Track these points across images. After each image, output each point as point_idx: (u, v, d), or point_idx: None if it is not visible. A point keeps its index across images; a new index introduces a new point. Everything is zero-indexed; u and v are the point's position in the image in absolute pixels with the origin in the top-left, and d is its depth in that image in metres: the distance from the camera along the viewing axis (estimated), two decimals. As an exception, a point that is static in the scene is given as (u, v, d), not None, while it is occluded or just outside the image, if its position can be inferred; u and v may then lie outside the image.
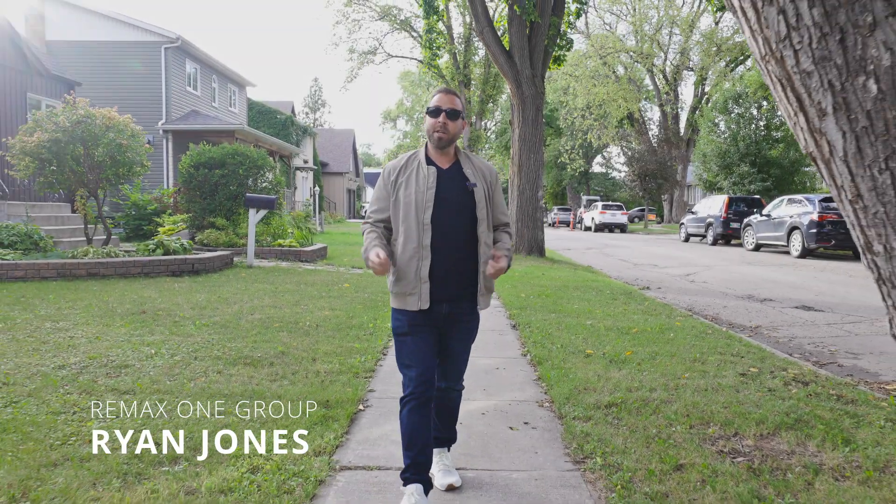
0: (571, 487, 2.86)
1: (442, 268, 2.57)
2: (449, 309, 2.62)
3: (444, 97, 2.61)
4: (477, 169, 2.69)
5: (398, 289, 2.61)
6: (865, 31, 1.53)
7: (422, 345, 2.60)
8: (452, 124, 2.60)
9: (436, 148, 2.64)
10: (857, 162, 1.62)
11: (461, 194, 2.60)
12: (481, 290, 2.65)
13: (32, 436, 3.21)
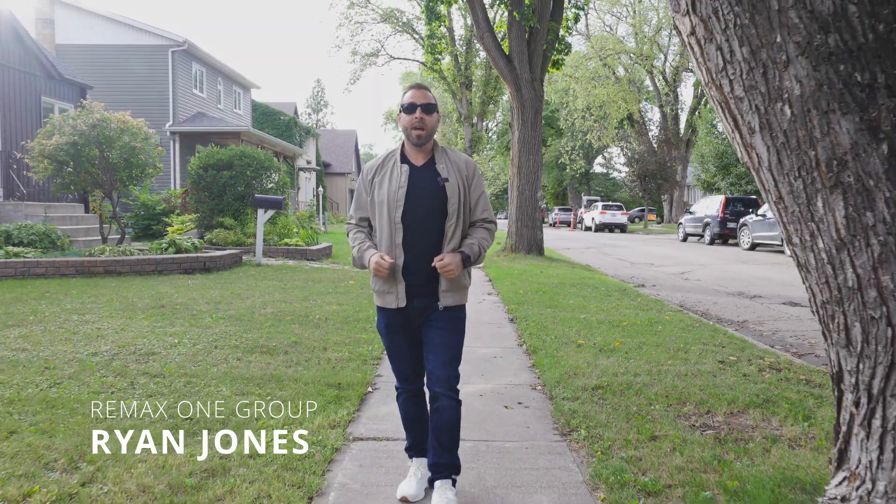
0: (558, 454, 3.24)
1: (414, 266, 2.57)
2: (421, 305, 2.62)
3: (416, 93, 2.58)
4: (452, 163, 2.63)
5: (377, 287, 2.66)
6: (781, 66, 1.91)
7: (401, 344, 2.70)
8: (429, 118, 2.56)
9: (414, 145, 2.61)
10: (778, 171, 2.01)
11: (433, 190, 2.56)
12: (443, 286, 2.59)
13: (77, 411, 3.60)
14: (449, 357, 2.62)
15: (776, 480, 2.63)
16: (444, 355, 2.62)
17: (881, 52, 1.81)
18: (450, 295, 2.61)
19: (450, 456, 2.67)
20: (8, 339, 5.22)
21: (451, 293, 2.61)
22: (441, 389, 2.61)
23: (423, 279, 2.58)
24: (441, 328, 2.63)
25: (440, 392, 2.61)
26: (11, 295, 7.33)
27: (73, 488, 2.68)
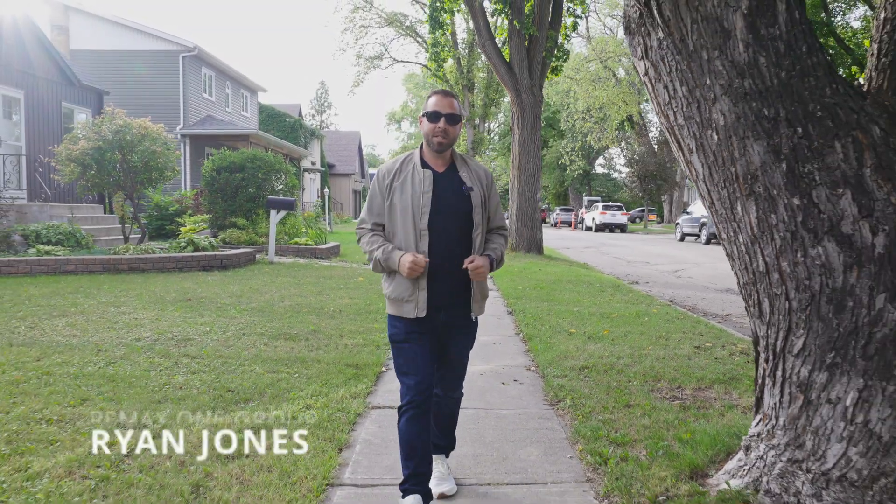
0: (546, 419, 3.83)
1: (438, 274, 2.50)
2: (446, 317, 2.55)
3: (442, 100, 2.52)
4: (473, 172, 2.60)
5: (394, 295, 2.54)
6: (710, 102, 2.49)
7: (419, 352, 2.53)
8: (452, 129, 2.50)
9: (434, 152, 2.56)
10: (710, 182, 2.59)
11: (457, 198, 2.52)
12: (475, 296, 2.58)
13: (135, 384, 4.20)
14: (462, 371, 2.75)
15: (720, 432, 3.21)
16: (457, 370, 2.72)
17: (783, 93, 2.39)
18: (478, 305, 2.60)
19: (446, 438, 2.84)
20: (58, 327, 5.82)
21: (479, 303, 2.61)
22: (451, 391, 2.76)
23: (446, 288, 2.52)
24: (460, 344, 2.65)
25: (449, 394, 2.76)
26: (48, 289, 7.93)
27: (146, 440, 3.26)
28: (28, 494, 2.65)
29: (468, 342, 2.70)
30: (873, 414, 2.18)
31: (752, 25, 2.41)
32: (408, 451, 2.55)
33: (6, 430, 3.34)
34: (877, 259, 2.24)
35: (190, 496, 2.69)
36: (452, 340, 2.62)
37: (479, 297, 2.62)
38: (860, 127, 2.35)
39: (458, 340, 2.64)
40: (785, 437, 2.39)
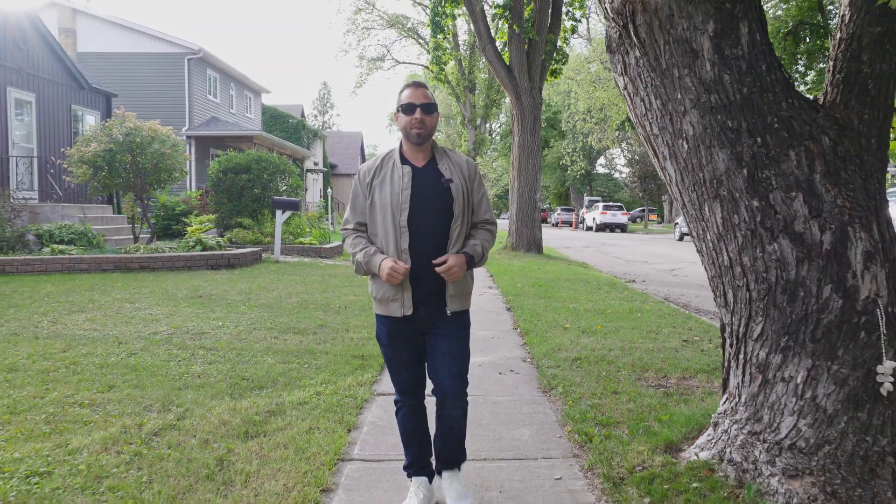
0: (538, 404, 4.13)
1: (420, 271, 2.47)
2: (427, 312, 2.53)
3: (415, 91, 2.49)
4: (454, 164, 2.56)
5: (380, 295, 2.54)
6: (681, 115, 2.79)
7: (403, 355, 2.58)
8: (429, 118, 2.48)
9: (413, 144, 2.52)
10: (682, 186, 2.89)
11: (438, 192, 2.48)
12: (450, 290, 2.52)
13: (156, 373, 4.51)
14: (457, 368, 2.56)
15: (696, 413, 3.51)
16: (452, 366, 2.54)
17: (744, 107, 2.69)
18: (457, 300, 2.54)
19: (456, 453, 2.69)
20: (78, 322, 6.13)
21: (457, 298, 2.54)
22: (450, 399, 2.57)
23: (430, 285, 2.49)
24: (448, 336, 2.55)
25: (449, 402, 2.58)
26: (65, 287, 8.25)
27: (172, 421, 3.57)
28: (71, 466, 2.96)
29: (457, 339, 2.57)
30: (820, 390, 2.48)
31: (718, 46, 2.71)
32: (406, 440, 2.69)
33: (44, 412, 3.65)
34: (824, 254, 2.53)
35: (215, 468, 2.99)
36: (438, 335, 2.55)
37: (455, 291, 2.53)
38: (812, 137, 2.65)
39: (444, 334, 2.54)
40: (746, 412, 2.69)
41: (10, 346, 5.16)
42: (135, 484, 2.80)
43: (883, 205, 2.67)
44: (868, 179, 2.66)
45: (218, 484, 2.84)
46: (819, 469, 2.38)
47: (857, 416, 2.42)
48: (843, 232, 2.53)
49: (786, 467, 2.45)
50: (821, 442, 2.42)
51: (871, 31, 2.86)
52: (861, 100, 2.81)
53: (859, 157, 2.68)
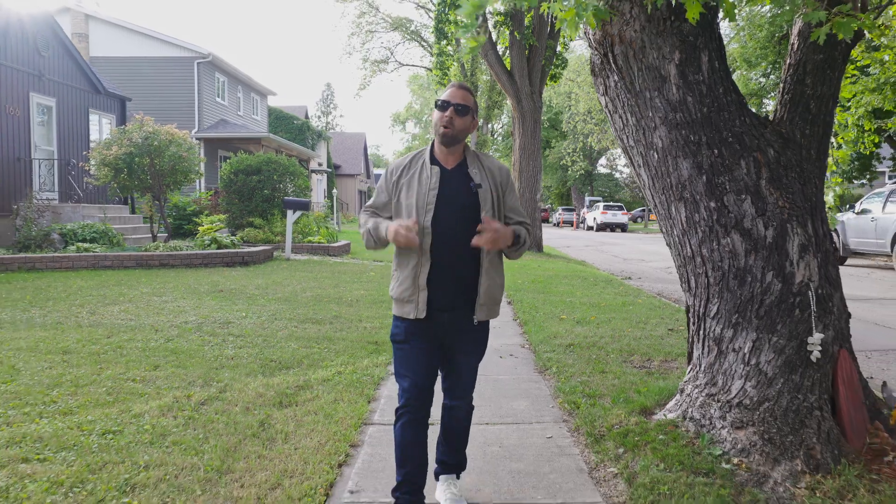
0: (534, 382, 4.66)
1: (442, 274, 2.41)
2: (450, 319, 2.45)
3: (455, 92, 2.45)
4: (485, 169, 2.50)
5: (397, 294, 2.49)
6: (652, 130, 3.33)
7: (418, 355, 2.46)
8: (460, 120, 2.42)
9: (441, 144, 2.46)
10: (654, 189, 3.42)
11: (465, 196, 2.42)
12: (482, 299, 2.45)
13: (194, 355, 5.05)
14: (470, 379, 2.59)
15: (669, 386, 4.04)
16: (465, 377, 2.56)
17: (704, 124, 3.22)
18: (485, 309, 2.47)
19: (456, 455, 2.67)
20: (114, 313, 6.68)
21: (486, 307, 2.47)
22: (458, 403, 2.60)
23: (449, 291, 2.43)
24: (469, 351, 2.53)
25: (456, 405, 2.60)
26: (94, 282, 8.81)
27: (215, 393, 4.11)
28: (137, 426, 3.50)
29: (475, 349, 2.55)
30: (762, 358, 3.01)
31: (682, 73, 3.24)
32: (401, 457, 2.51)
33: (104, 386, 4.19)
34: (767, 246, 3.07)
35: (258, 429, 3.53)
36: (457, 345, 2.49)
37: (486, 299, 2.46)
38: (759, 149, 3.18)
39: (463, 346, 2.50)
40: (704, 378, 3.22)
41: (59, 332, 5.71)
42: (193, 440, 3.34)
43: (819, 205, 3.21)
44: (806, 184, 3.19)
45: (263, 440, 3.38)
46: (760, 421, 2.91)
47: (792, 379, 2.95)
48: (783, 228, 3.06)
49: (734, 420, 2.98)
50: (762, 399, 2.96)
51: (815, 58, 3.39)
52: (804, 117, 3.34)
53: (799, 166, 3.21)
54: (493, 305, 2.52)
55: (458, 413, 2.62)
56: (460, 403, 2.61)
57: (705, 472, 2.78)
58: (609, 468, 3.02)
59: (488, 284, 2.47)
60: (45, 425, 3.47)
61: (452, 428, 2.64)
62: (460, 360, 2.54)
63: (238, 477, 2.93)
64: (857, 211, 14.09)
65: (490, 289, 2.48)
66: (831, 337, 3.03)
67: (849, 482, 2.66)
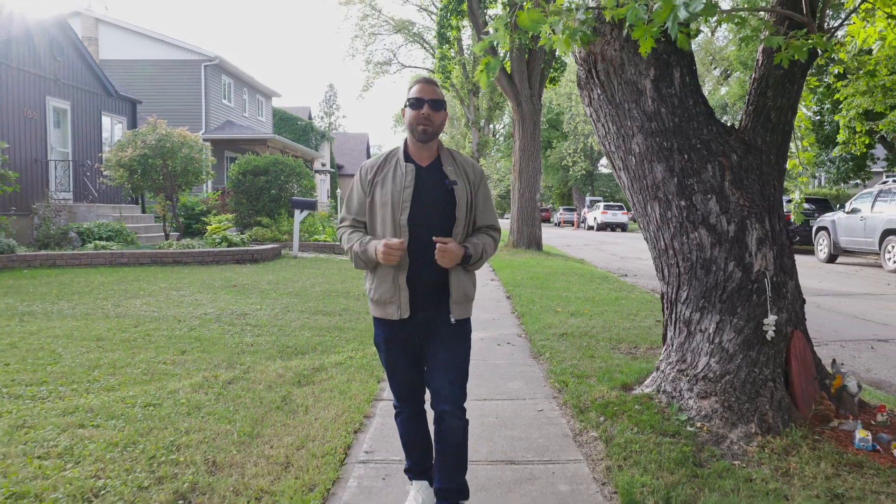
0: (529, 366, 5.10)
1: (419, 273, 2.41)
2: (425, 318, 2.45)
3: (425, 87, 2.41)
4: (459, 166, 2.48)
5: (376, 296, 2.45)
6: (630, 137, 3.76)
7: (399, 360, 2.51)
8: (436, 115, 2.40)
9: (418, 142, 2.43)
10: (632, 190, 3.86)
11: (441, 193, 2.40)
12: (454, 296, 2.43)
13: (216, 342, 5.49)
14: (455, 375, 2.47)
15: (649, 367, 4.47)
16: (450, 373, 2.46)
17: (676, 132, 3.65)
18: (460, 307, 2.46)
19: (457, 481, 2.52)
20: (137, 306, 7.13)
21: (460, 305, 2.46)
22: (448, 408, 2.44)
23: (429, 288, 2.43)
24: (447, 344, 2.47)
25: (447, 411, 2.44)
26: (113, 278, 9.26)
27: (239, 374, 4.56)
28: (174, 401, 3.94)
29: (457, 346, 2.49)
30: (724, 337, 3.44)
31: (657, 87, 3.67)
32: (407, 445, 2.67)
33: (139, 368, 4.64)
34: (730, 240, 3.50)
35: (281, 403, 3.97)
36: (436, 343, 2.47)
37: (459, 297, 2.45)
38: (724, 154, 3.61)
39: (442, 343, 2.46)
40: (676, 356, 3.66)
41: (89, 322, 6.16)
42: (225, 411, 3.78)
43: (776, 204, 3.64)
44: (765, 185, 3.63)
45: (286, 412, 3.82)
46: (721, 391, 3.35)
47: (749, 355, 3.38)
48: (743, 223, 3.49)
49: (699, 391, 3.41)
50: (724, 373, 3.39)
51: (776, 73, 3.82)
52: (765, 126, 3.77)
53: (759, 170, 3.64)
54: (467, 303, 2.49)
55: (451, 424, 2.46)
56: (451, 410, 2.44)
57: (672, 433, 3.22)
58: (591, 433, 3.45)
59: (457, 283, 2.44)
60: (93, 399, 3.91)
61: (447, 444, 2.48)
62: (440, 355, 2.47)
63: (267, 440, 3.37)
64: (848, 210, 14.50)
65: (462, 285, 2.46)
66: (785, 319, 3.46)
67: (794, 442, 3.10)
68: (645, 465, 2.94)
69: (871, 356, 5.89)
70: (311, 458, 3.13)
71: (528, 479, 2.98)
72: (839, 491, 2.70)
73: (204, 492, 2.77)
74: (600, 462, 3.11)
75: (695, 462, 2.97)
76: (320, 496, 2.76)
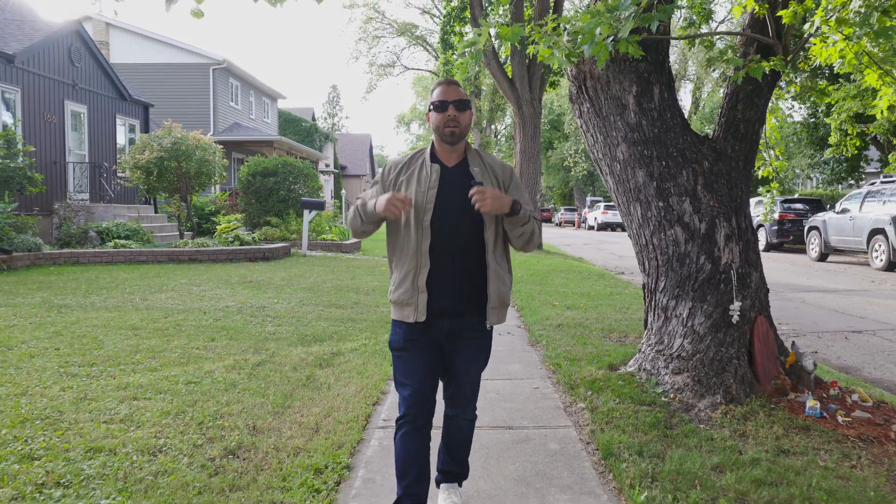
0: (527, 352, 5.60)
1: (442, 277, 2.34)
2: (450, 325, 2.36)
3: (447, 89, 2.38)
4: (487, 166, 2.43)
5: (395, 297, 2.40)
6: (615, 146, 4.26)
7: (417, 362, 2.38)
8: (462, 115, 2.36)
9: (446, 143, 2.40)
10: (617, 192, 4.36)
11: (467, 194, 2.29)
12: (492, 302, 2.36)
13: (241, 331, 6.01)
14: (472, 388, 2.50)
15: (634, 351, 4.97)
16: (468, 386, 2.47)
17: (655, 142, 4.15)
18: (495, 313, 2.39)
19: (458, 465, 2.61)
20: (162, 300, 7.65)
21: (497, 310, 2.39)
22: (460, 412, 2.51)
23: (449, 294, 2.35)
24: (470, 360, 2.43)
25: (458, 414, 2.51)
26: (135, 274, 9.78)
27: (266, 358, 5.07)
28: (211, 379, 4.45)
29: (478, 357, 2.46)
30: (696, 321, 3.94)
31: (639, 102, 4.17)
32: (401, 469, 2.44)
33: (175, 352, 5.16)
34: (701, 236, 4.00)
35: (307, 381, 4.48)
36: (458, 352, 2.41)
37: (497, 302, 2.38)
38: (697, 161, 4.11)
39: (465, 353, 2.41)
40: (655, 338, 4.16)
41: (122, 314, 6.68)
42: (257, 388, 4.29)
43: (743, 205, 4.13)
44: (733, 189, 4.13)
45: (311, 389, 4.33)
46: (692, 368, 3.85)
47: (717, 336, 3.88)
48: (713, 222, 3.99)
49: (674, 368, 3.92)
50: (695, 352, 3.89)
51: (746, 88, 4.31)
52: (735, 136, 4.27)
53: (728, 175, 4.14)
54: (503, 308, 2.43)
55: (459, 423, 2.52)
56: (462, 413, 2.51)
57: (648, 403, 3.73)
58: (579, 405, 3.96)
59: (497, 285, 2.38)
60: (140, 377, 4.43)
61: (454, 438, 2.56)
62: (461, 368, 2.42)
63: (297, 410, 3.88)
64: (838, 211, 14.98)
65: (499, 290, 2.39)
66: (749, 305, 3.96)
67: (753, 409, 3.60)
68: (623, 427, 3.45)
69: (844, 345, 6.39)
70: (337, 424, 3.64)
71: (524, 440, 3.48)
72: (785, 448, 3.21)
73: (249, 448, 3.28)
74: (586, 427, 3.61)
75: (666, 426, 3.48)
76: (348, 452, 3.27)
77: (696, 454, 3.10)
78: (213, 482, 2.88)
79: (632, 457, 3.11)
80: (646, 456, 3.11)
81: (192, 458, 3.13)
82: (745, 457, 3.09)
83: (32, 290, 8.19)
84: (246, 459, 3.15)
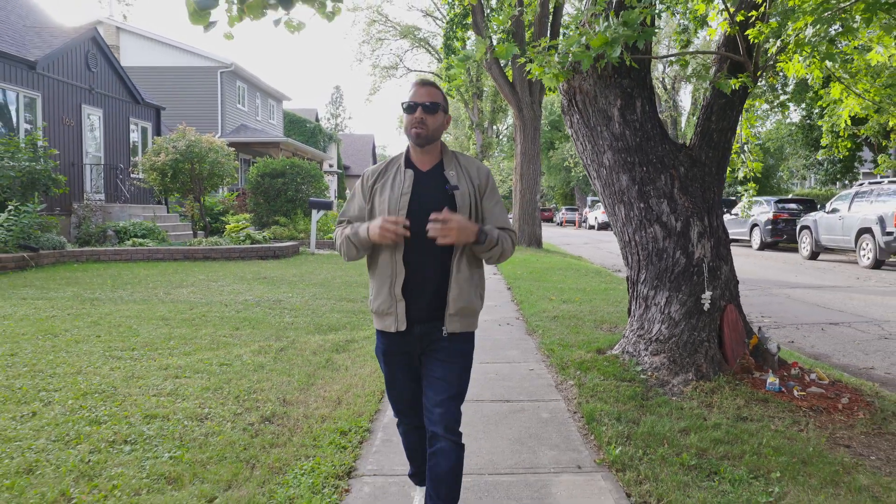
0: (524, 340, 6.13)
1: (418, 283, 2.30)
2: (421, 331, 2.32)
3: (419, 90, 2.32)
4: (463, 169, 2.37)
5: (375, 307, 2.37)
6: (602, 153, 4.78)
7: (399, 375, 2.43)
8: (431, 118, 2.29)
9: (415, 146, 2.34)
10: (604, 195, 4.88)
11: (441, 199, 2.28)
12: (450, 308, 2.28)
13: (262, 321, 6.53)
14: (448, 395, 2.31)
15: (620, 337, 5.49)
16: (443, 392, 2.31)
17: (637, 150, 4.66)
18: (456, 320, 2.31)
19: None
20: (184, 294, 8.18)
21: (458, 318, 2.31)
22: (439, 430, 2.29)
23: (426, 300, 2.30)
24: (443, 361, 2.33)
25: (438, 433, 2.29)
26: (154, 271, 10.32)
27: (287, 344, 5.59)
28: (241, 362, 4.98)
29: (455, 362, 2.34)
30: (672, 308, 4.46)
31: (623, 114, 4.69)
32: (409, 456, 2.67)
33: (205, 340, 5.68)
34: (677, 234, 4.51)
35: (326, 364, 5.00)
36: (432, 354, 2.34)
37: (456, 309, 2.30)
38: (674, 167, 4.62)
39: (438, 353, 2.33)
40: (637, 325, 4.68)
41: (150, 306, 7.22)
42: (283, 369, 4.82)
43: (715, 206, 4.65)
44: (706, 191, 4.64)
45: (331, 370, 4.86)
46: (668, 350, 4.37)
47: (690, 322, 4.40)
48: (688, 221, 4.51)
49: (652, 350, 4.44)
50: (671, 336, 4.41)
51: (719, 101, 4.83)
52: (709, 144, 4.78)
53: (702, 179, 4.66)
54: (467, 316, 2.34)
55: (444, 447, 2.28)
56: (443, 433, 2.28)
57: (629, 380, 4.25)
58: (569, 382, 4.48)
59: (458, 293, 2.30)
60: (178, 360, 4.96)
61: (438, 476, 2.29)
62: (435, 371, 2.33)
63: (321, 387, 4.41)
64: (828, 210, 15.47)
65: (461, 298, 2.30)
66: (718, 295, 4.48)
67: (720, 385, 4.12)
68: (605, 399, 3.97)
69: (819, 336, 6.90)
70: (357, 398, 4.16)
71: (519, 410, 4.01)
72: (744, 415, 3.72)
73: (282, 416, 3.81)
74: (573, 400, 4.13)
75: (643, 398, 4.00)
76: (368, 419, 3.79)
77: (666, 420, 3.62)
78: (255, 441, 3.40)
79: (611, 422, 3.63)
80: (623, 421, 3.63)
81: (235, 424, 3.65)
82: (708, 422, 3.61)
83: (62, 284, 8.73)
84: (280, 424, 3.68)
